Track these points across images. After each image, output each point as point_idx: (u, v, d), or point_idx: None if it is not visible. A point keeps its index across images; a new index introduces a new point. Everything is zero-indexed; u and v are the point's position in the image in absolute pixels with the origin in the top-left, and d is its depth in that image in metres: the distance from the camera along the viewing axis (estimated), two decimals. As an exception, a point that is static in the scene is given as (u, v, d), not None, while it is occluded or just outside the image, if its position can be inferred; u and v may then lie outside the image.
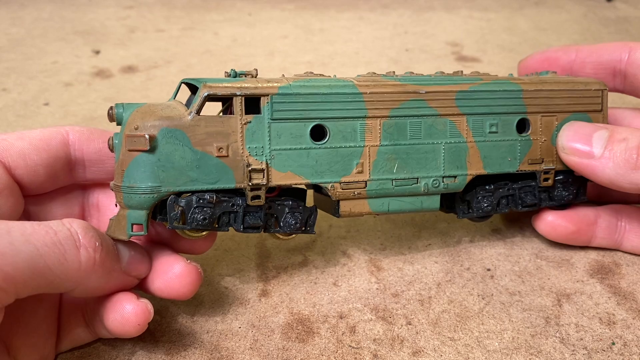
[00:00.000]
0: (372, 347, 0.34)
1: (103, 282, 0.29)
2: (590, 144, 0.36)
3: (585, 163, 0.36)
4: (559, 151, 0.37)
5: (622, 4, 0.97)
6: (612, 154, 0.35)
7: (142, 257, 0.32)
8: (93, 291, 0.30)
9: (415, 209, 0.36)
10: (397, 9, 0.94)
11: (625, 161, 0.34)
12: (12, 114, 0.61)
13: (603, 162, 0.35)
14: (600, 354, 0.33)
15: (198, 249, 0.35)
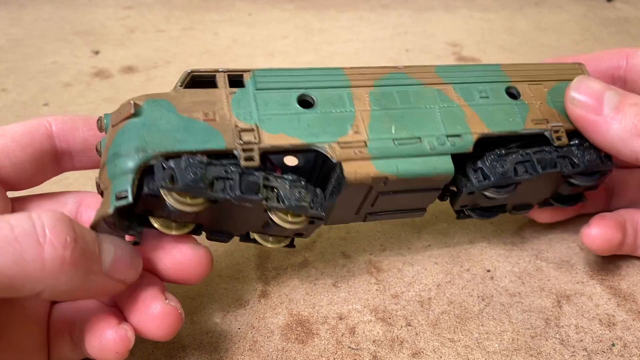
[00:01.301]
0: (372, 348, 0.34)
1: (77, 284, 0.25)
2: (602, 100, 0.34)
3: (591, 119, 0.34)
4: (566, 102, 0.35)
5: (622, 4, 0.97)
6: (621, 116, 0.33)
7: (130, 259, 0.29)
8: (65, 294, 0.26)
9: (429, 172, 0.32)
10: (397, 9, 0.94)
11: (633, 126, 0.33)
12: (11, 114, 0.60)
13: (610, 122, 0.34)
14: (600, 355, 0.33)
15: (188, 273, 0.31)
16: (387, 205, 0.34)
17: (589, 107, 0.34)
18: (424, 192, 0.34)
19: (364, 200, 0.33)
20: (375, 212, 0.35)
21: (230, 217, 0.31)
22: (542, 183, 0.36)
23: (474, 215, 0.38)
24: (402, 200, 0.34)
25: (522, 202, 0.38)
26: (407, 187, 0.33)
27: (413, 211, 0.36)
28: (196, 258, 0.31)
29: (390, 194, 0.33)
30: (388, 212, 0.35)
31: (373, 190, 0.32)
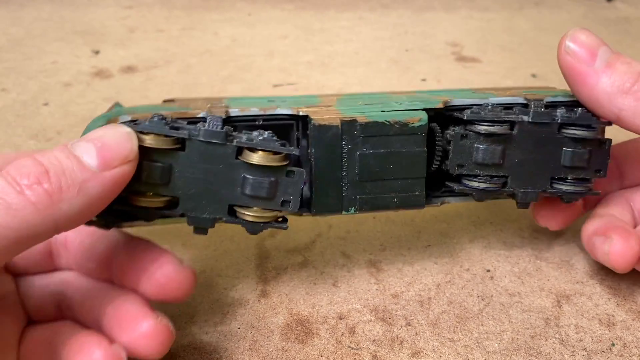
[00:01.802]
0: (372, 348, 0.34)
1: (83, 200, 0.25)
2: (595, 53, 0.33)
3: (582, 69, 0.33)
4: (559, 50, 0.34)
5: (622, 4, 0.97)
6: (611, 71, 0.33)
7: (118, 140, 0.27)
8: (82, 213, 0.25)
9: (400, 115, 0.32)
10: (397, 9, 0.94)
11: (622, 82, 0.32)
12: (11, 114, 0.60)
13: (600, 75, 0.33)
14: (600, 355, 0.33)
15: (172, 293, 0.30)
16: (372, 174, 0.33)
17: (581, 57, 0.34)
18: (406, 150, 0.33)
19: (343, 162, 0.32)
20: (365, 191, 0.33)
21: (205, 182, 0.30)
22: (541, 150, 0.34)
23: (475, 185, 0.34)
24: (387, 166, 0.33)
25: (525, 181, 0.34)
26: (383, 139, 0.32)
27: (408, 195, 0.34)
28: (180, 277, 0.30)
29: (369, 151, 0.32)
30: (379, 192, 0.33)
31: (348, 144, 0.32)
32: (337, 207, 0.33)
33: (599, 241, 0.35)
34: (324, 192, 0.33)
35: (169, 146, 0.29)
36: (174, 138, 0.29)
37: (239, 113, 0.31)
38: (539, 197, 0.35)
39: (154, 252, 0.31)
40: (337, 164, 0.32)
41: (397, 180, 0.33)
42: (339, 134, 0.32)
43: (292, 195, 0.30)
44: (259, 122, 0.32)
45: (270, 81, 0.68)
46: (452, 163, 0.34)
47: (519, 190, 0.34)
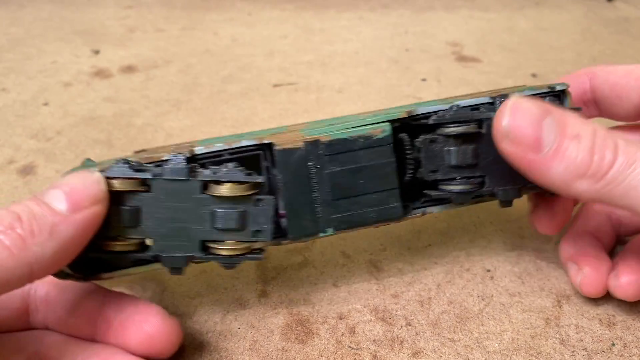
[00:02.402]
0: (372, 348, 0.34)
1: (56, 243, 0.26)
2: (541, 132, 0.28)
3: (530, 159, 0.29)
4: (497, 134, 0.30)
5: (622, 3, 0.97)
6: (562, 155, 0.28)
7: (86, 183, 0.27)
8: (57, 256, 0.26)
9: (363, 129, 0.32)
10: (397, 9, 0.94)
11: (575, 167, 0.28)
12: (11, 114, 0.60)
13: (549, 162, 0.28)
14: (600, 355, 0.33)
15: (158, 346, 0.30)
16: (345, 191, 0.32)
17: (526, 144, 0.29)
18: (375, 163, 0.32)
19: (312, 184, 0.32)
20: (339, 210, 0.33)
21: (175, 220, 0.30)
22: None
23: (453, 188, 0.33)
24: (358, 181, 0.32)
25: (502, 179, 0.33)
26: (349, 155, 0.32)
27: (384, 208, 0.33)
28: (167, 329, 0.30)
29: (337, 169, 0.32)
30: (355, 210, 0.33)
31: (315, 164, 0.32)
32: (313, 230, 0.32)
33: (573, 270, 0.37)
34: (299, 216, 0.32)
35: (134, 188, 0.29)
36: (139, 180, 0.29)
37: (204, 150, 0.31)
38: (520, 193, 0.34)
39: (140, 305, 0.31)
40: (307, 186, 0.32)
41: (371, 195, 0.33)
42: (304, 155, 0.32)
43: (264, 224, 0.30)
44: (225, 156, 0.32)
45: (270, 81, 0.68)
46: (426, 169, 0.33)
47: (498, 189, 0.34)
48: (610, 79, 0.37)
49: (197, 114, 0.61)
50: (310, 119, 0.60)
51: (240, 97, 0.64)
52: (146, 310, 0.31)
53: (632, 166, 0.28)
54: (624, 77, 0.37)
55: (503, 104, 0.30)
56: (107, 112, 0.61)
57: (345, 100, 0.64)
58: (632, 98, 0.36)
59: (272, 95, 0.65)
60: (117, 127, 0.58)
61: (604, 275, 0.36)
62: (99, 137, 0.56)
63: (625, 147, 0.28)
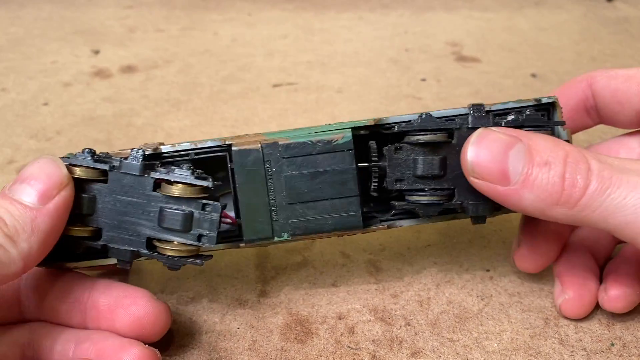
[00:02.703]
0: (371, 348, 0.34)
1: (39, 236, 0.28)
2: (506, 164, 0.28)
3: (500, 191, 0.29)
4: (465, 172, 0.30)
5: (622, 4, 0.97)
6: (532, 184, 0.28)
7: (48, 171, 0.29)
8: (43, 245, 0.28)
9: (321, 135, 0.32)
10: (397, 9, 0.94)
11: (547, 195, 0.28)
12: (11, 114, 0.61)
13: (520, 192, 0.28)
14: (600, 355, 0.33)
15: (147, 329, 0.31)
16: (302, 196, 0.32)
17: (493, 177, 0.29)
18: (334, 169, 0.32)
19: (269, 186, 0.32)
20: (296, 215, 0.32)
21: (125, 214, 0.31)
22: None
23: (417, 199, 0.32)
24: (316, 186, 0.32)
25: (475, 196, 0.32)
26: (308, 159, 0.32)
27: (343, 216, 0.32)
28: (156, 311, 0.31)
29: (295, 172, 0.32)
30: (312, 216, 0.32)
31: (272, 167, 0.31)
32: (268, 234, 0.32)
33: (558, 289, 0.36)
34: (253, 219, 0.32)
35: (93, 177, 0.30)
36: (99, 170, 0.30)
37: (170, 148, 0.32)
38: (492, 209, 0.32)
39: (128, 289, 0.32)
40: (263, 188, 0.32)
41: (329, 201, 0.32)
42: (261, 157, 0.31)
43: (209, 229, 0.30)
44: (191, 156, 0.32)
45: (270, 81, 0.68)
46: (390, 178, 0.32)
47: (468, 203, 0.32)
48: (611, 85, 0.36)
49: (197, 114, 0.61)
50: (310, 119, 0.60)
51: (240, 97, 0.65)
52: (134, 294, 0.31)
53: (606, 192, 0.27)
54: (625, 82, 0.35)
55: (469, 137, 0.30)
56: (107, 112, 0.61)
57: (345, 100, 0.64)
58: (634, 104, 0.35)
59: (272, 95, 0.65)
60: (117, 127, 0.58)
61: (586, 301, 0.35)
62: (98, 137, 0.56)
63: (599, 172, 0.28)
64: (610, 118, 0.37)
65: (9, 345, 0.30)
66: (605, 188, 0.27)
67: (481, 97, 0.64)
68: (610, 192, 0.27)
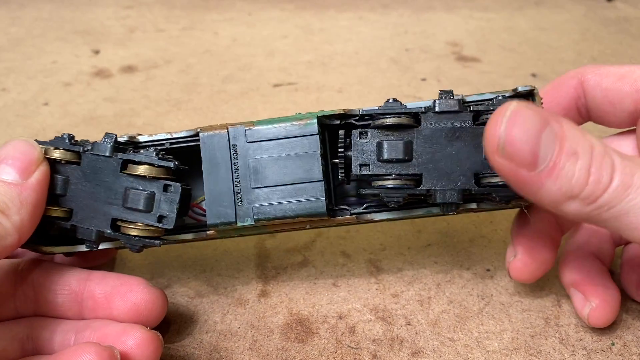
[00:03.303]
0: (372, 348, 0.34)
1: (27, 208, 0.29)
2: (537, 150, 0.25)
3: (522, 176, 0.26)
4: (489, 144, 0.26)
5: (622, 4, 0.97)
6: (557, 174, 0.26)
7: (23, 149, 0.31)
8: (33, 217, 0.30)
9: (287, 119, 0.32)
10: (397, 9, 0.94)
11: (570, 188, 0.26)
12: (11, 114, 0.61)
13: (543, 180, 0.26)
14: (600, 354, 0.33)
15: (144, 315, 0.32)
16: (267, 180, 0.32)
17: (520, 160, 0.26)
18: (300, 157, 0.32)
19: (232, 171, 0.32)
20: (260, 200, 0.32)
21: (94, 195, 0.32)
22: (456, 144, 0.31)
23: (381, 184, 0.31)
24: (283, 173, 0.32)
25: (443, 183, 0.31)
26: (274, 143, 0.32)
27: (307, 201, 0.32)
28: (152, 297, 0.31)
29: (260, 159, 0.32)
30: (276, 200, 0.32)
31: (237, 150, 0.32)
32: (231, 218, 0.32)
33: (579, 300, 0.35)
34: (217, 203, 0.32)
35: (67, 159, 0.32)
36: (74, 152, 0.32)
37: (147, 138, 0.33)
38: (461, 196, 0.31)
39: (122, 277, 0.32)
40: (227, 172, 0.32)
41: (293, 185, 0.32)
42: (226, 141, 0.32)
43: (169, 211, 0.31)
44: (166, 146, 0.33)
45: (270, 81, 0.68)
46: (355, 163, 0.31)
47: (436, 190, 0.31)
48: (602, 84, 0.35)
49: (197, 114, 0.61)
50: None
51: (240, 97, 0.65)
52: (129, 281, 0.32)
53: (627, 191, 0.26)
54: (617, 81, 0.34)
55: (500, 109, 0.26)
56: (108, 112, 0.61)
57: (345, 100, 0.64)
58: (625, 105, 0.34)
59: (272, 95, 0.65)
60: (118, 126, 0.58)
61: (613, 306, 0.34)
62: (99, 137, 0.56)
63: (623, 168, 0.26)
64: (601, 117, 0.36)
65: (8, 340, 0.30)
66: (627, 186, 0.26)
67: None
68: (629, 192, 0.26)
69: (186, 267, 0.40)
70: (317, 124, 0.32)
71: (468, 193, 0.31)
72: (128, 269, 0.40)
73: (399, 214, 0.33)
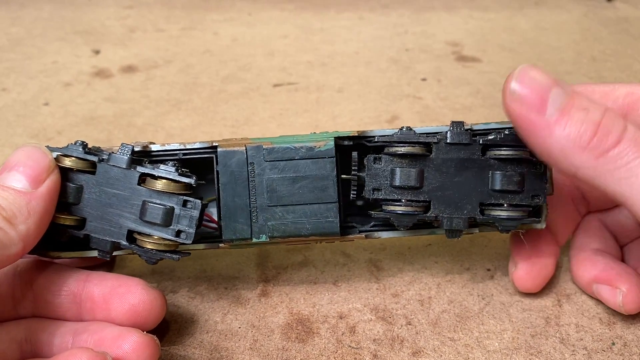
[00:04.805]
0: (372, 347, 0.34)
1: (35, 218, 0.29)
2: (546, 98, 0.28)
3: (531, 118, 0.28)
4: (504, 94, 0.29)
5: (622, 4, 0.97)
6: (566, 120, 0.27)
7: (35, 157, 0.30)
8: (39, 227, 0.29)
9: (306, 139, 0.33)
10: (397, 9, 0.94)
11: (578, 136, 0.27)
12: (12, 114, 0.61)
13: (553, 126, 0.27)
14: (601, 354, 0.33)
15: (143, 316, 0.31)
16: (282, 199, 0.32)
17: (530, 103, 0.28)
18: (316, 174, 0.32)
19: (250, 188, 0.32)
20: (275, 219, 0.33)
21: (109, 205, 0.31)
22: (465, 174, 0.32)
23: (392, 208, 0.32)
24: (297, 191, 0.32)
25: (450, 207, 0.32)
26: (290, 163, 0.32)
27: (321, 219, 0.33)
28: (151, 298, 0.31)
29: (277, 178, 0.32)
30: (291, 219, 0.33)
31: (254, 169, 0.32)
32: (246, 235, 0.33)
33: (607, 292, 0.35)
34: (233, 219, 0.33)
35: (82, 168, 0.31)
36: (88, 162, 0.31)
37: (160, 147, 0.33)
38: (466, 224, 0.32)
39: (121, 279, 0.32)
40: (245, 190, 0.32)
41: (308, 205, 0.33)
42: (244, 159, 0.32)
43: (188, 226, 0.31)
44: (179, 156, 0.33)
45: (270, 81, 0.68)
46: (368, 187, 0.32)
47: (443, 216, 0.32)
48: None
49: (197, 114, 0.61)
50: (310, 119, 0.60)
51: (240, 97, 0.65)
52: (128, 283, 0.32)
53: (634, 154, 0.26)
54: (601, 99, 0.34)
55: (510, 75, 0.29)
56: (108, 112, 0.61)
57: (345, 100, 0.64)
58: None
59: (272, 95, 0.65)
60: (118, 127, 0.58)
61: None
62: (99, 137, 0.56)
63: (634, 133, 0.27)
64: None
65: (6, 342, 0.30)
66: (636, 149, 0.26)
67: (481, 97, 0.64)
68: (638, 155, 0.26)
69: (186, 267, 0.40)
70: (334, 146, 0.32)
71: (473, 220, 0.33)
72: (127, 269, 0.40)
73: (404, 233, 0.34)
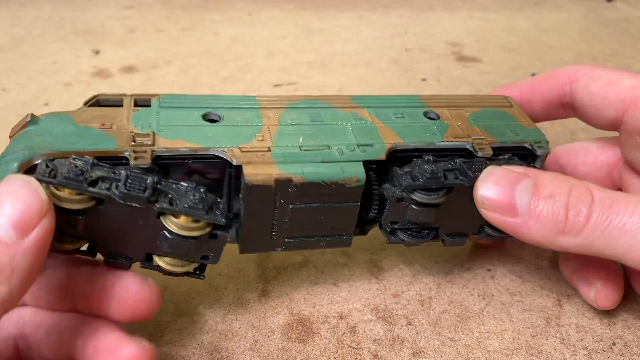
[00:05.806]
0: (372, 348, 0.34)
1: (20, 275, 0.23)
2: (514, 197, 0.30)
3: (509, 222, 0.31)
4: (477, 205, 0.32)
5: (622, 4, 0.97)
6: (537, 214, 0.30)
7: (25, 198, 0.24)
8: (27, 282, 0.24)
9: (336, 176, 0.31)
10: (397, 9, 0.94)
11: (553, 224, 0.29)
12: (12, 114, 0.60)
13: (528, 223, 0.30)
14: (601, 354, 0.33)
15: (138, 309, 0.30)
16: (303, 224, 0.32)
17: (501, 209, 0.31)
18: (340, 205, 0.32)
19: (274, 214, 0.31)
20: (293, 235, 0.33)
21: (124, 232, 0.29)
22: (474, 205, 0.33)
23: (405, 239, 0.34)
24: (319, 217, 0.32)
25: (455, 228, 0.35)
26: (317, 195, 0.31)
27: (336, 236, 0.33)
28: (146, 293, 0.30)
29: (302, 205, 0.31)
30: (307, 236, 0.33)
31: (281, 199, 0.31)
32: (264, 249, 0.33)
33: (584, 287, 0.36)
34: (252, 237, 0.32)
35: (85, 205, 0.27)
36: (94, 199, 0.27)
37: (167, 153, 0.30)
38: (465, 242, 0.36)
39: (115, 273, 0.30)
40: (269, 215, 0.31)
41: (327, 229, 0.33)
42: (273, 192, 0.30)
43: (213, 252, 0.31)
44: (189, 161, 0.31)
45: (271, 81, 0.68)
46: (386, 221, 0.33)
47: (447, 237, 0.35)
48: (591, 87, 0.36)
49: (198, 114, 0.61)
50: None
51: (241, 97, 0.64)
52: (122, 275, 0.30)
53: (607, 219, 0.29)
54: (604, 88, 0.35)
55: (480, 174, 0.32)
56: (108, 112, 0.61)
57: (345, 100, 0.64)
58: (609, 112, 0.35)
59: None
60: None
61: (618, 286, 0.35)
62: (99, 137, 0.56)
63: (601, 200, 0.29)
64: (585, 117, 0.38)
65: (2, 340, 0.30)
66: (607, 215, 0.29)
67: (481, 97, 0.64)
68: (611, 219, 0.29)
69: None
70: (364, 182, 0.31)
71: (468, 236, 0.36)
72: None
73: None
